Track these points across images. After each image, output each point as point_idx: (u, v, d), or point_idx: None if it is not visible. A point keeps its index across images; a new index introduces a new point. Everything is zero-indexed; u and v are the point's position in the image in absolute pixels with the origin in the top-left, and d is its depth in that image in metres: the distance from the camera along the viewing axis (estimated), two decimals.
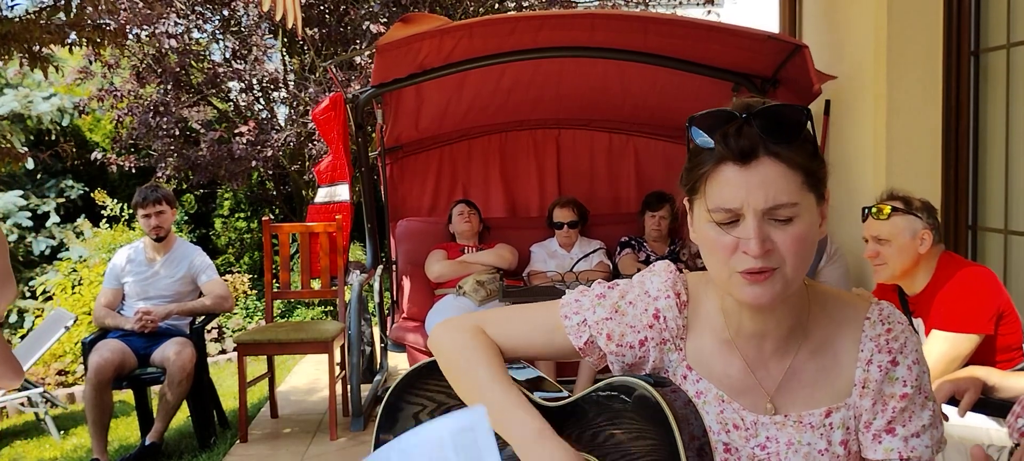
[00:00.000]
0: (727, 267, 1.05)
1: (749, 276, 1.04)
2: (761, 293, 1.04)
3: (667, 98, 4.64)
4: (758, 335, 1.14)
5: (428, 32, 3.86)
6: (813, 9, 4.77)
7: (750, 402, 1.15)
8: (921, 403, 1.12)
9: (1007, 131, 3.51)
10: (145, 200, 3.99)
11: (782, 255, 1.03)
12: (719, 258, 1.06)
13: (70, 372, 5.73)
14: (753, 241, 1.01)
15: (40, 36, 4.02)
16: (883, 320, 1.13)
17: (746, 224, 1.02)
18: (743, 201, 1.02)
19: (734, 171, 1.02)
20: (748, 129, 1.02)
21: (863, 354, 1.12)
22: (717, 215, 1.04)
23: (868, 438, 1.13)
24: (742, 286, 1.05)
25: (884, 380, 1.11)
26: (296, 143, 7.15)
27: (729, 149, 1.02)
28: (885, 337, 1.12)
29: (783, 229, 1.02)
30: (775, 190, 1.01)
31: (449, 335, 1.24)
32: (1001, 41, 3.51)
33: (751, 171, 1.02)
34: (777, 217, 1.02)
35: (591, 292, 1.23)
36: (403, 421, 1.28)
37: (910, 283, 2.47)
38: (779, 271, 1.04)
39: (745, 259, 1.03)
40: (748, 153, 1.01)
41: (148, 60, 7.15)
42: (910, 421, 1.11)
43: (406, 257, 4.76)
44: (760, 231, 1.01)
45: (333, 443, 3.89)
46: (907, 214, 2.39)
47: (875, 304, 1.16)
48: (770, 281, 1.04)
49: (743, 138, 1.02)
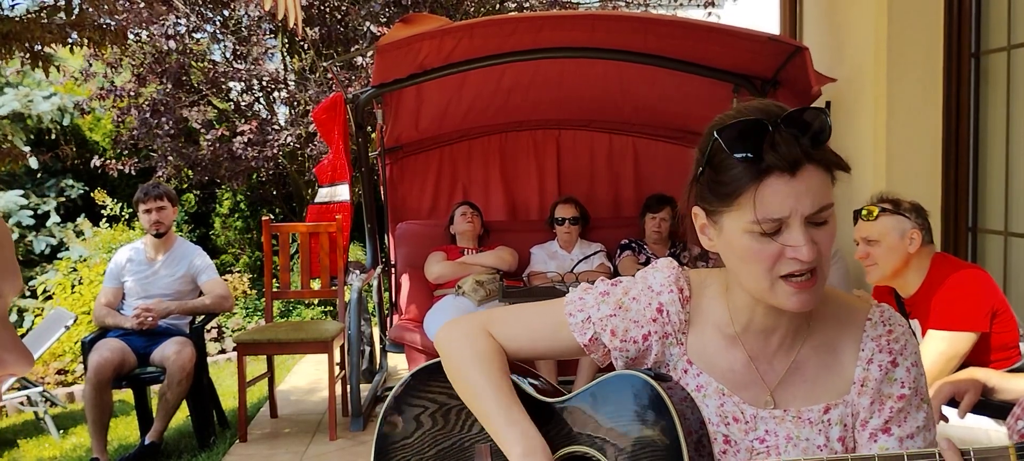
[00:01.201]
0: (770, 275, 1.06)
1: (795, 283, 1.06)
2: (808, 300, 1.07)
3: (667, 99, 4.64)
4: (768, 330, 1.16)
5: (428, 32, 3.86)
6: (813, 10, 4.78)
7: (750, 395, 1.17)
8: (917, 405, 1.14)
9: (1007, 133, 3.51)
10: (147, 195, 3.99)
11: (821, 254, 1.06)
12: (762, 267, 1.07)
13: (70, 371, 5.73)
14: (804, 247, 1.03)
15: (41, 35, 4.02)
16: (884, 322, 1.15)
17: (792, 231, 1.04)
18: (792, 209, 1.03)
19: (783, 181, 1.03)
20: (789, 138, 1.03)
21: (864, 353, 1.14)
22: (766, 225, 1.04)
23: (864, 436, 1.14)
24: (789, 295, 1.06)
25: (883, 380, 1.13)
26: (296, 143, 7.15)
27: (779, 160, 1.03)
28: (886, 338, 1.14)
29: (821, 231, 1.06)
30: (819, 196, 1.04)
31: (454, 337, 1.25)
32: (1002, 43, 3.51)
33: (798, 180, 1.03)
34: (817, 221, 1.05)
35: (595, 289, 1.24)
36: (405, 422, 1.28)
37: (903, 284, 2.49)
38: (818, 272, 1.07)
39: (792, 264, 1.05)
40: (796, 163, 1.03)
41: (148, 59, 7.15)
42: (906, 422, 1.13)
43: (405, 258, 4.76)
44: (808, 236, 1.04)
45: (333, 443, 3.89)
46: (895, 214, 2.42)
47: (876, 306, 1.18)
48: (815, 287, 1.07)
49: (787, 147, 1.03)
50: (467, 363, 1.21)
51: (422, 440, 1.26)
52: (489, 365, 1.20)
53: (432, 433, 1.26)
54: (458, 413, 1.25)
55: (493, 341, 1.24)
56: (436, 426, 1.26)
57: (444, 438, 1.25)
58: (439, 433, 1.26)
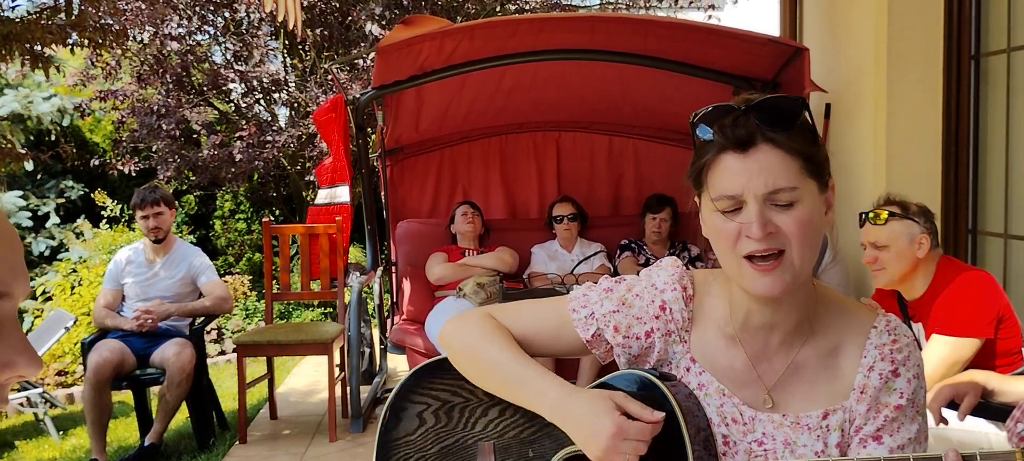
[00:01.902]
0: (734, 254, 1.08)
1: (758, 266, 1.07)
2: (771, 283, 1.07)
3: (667, 101, 4.64)
4: (766, 328, 1.16)
5: (429, 34, 3.86)
6: (813, 13, 4.78)
7: (749, 396, 1.17)
8: (912, 416, 1.14)
9: (1007, 135, 3.51)
10: (143, 201, 3.98)
11: (787, 237, 1.06)
12: (726, 246, 1.09)
13: (69, 372, 5.73)
14: (755, 224, 1.05)
15: (41, 36, 4.02)
16: (890, 331, 1.15)
17: (748, 209, 1.06)
18: (743, 187, 1.05)
19: (734, 159, 1.07)
20: (746, 119, 1.07)
21: (866, 360, 1.14)
22: (720, 203, 1.08)
23: (855, 441, 1.14)
24: (753, 278, 1.07)
25: (882, 388, 1.13)
26: (297, 145, 7.15)
27: (727, 138, 1.07)
28: (890, 347, 1.14)
29: (785, 213, 1.06)
30: (774, 175, 1.05)
31: (461, 328, 1.26)
32: (1001, 45, 3.51)
33: (750, 158, 1.06)
34: (778, 202, 1.05)
35: (599, 286, 1.26)
36: (408, 420, 1.29)
37: (909, 288, 2.47)
38: (786, 257, 1.06)
39: (749, 243, 1.06)
40: (746, 141, 1.06)
41: (149, 61, 7.15)
42: (898, 432, 1.13)
43: (406, 259, 4.75)
44: (761, 215, 1.05)
45: (332, 445, 3.89)
46: (904, 219, 2.38)
47: (883, 315, 1.18)
48: (779, 270, 1.06)
49: (740, 127, 1.06)
50: (478, 345, 1.22)
51: (425, 438, 1.27)
52: (498, 338, 1.22)
53: (434, 430, 1.26)
54: (461, 411, 1.26)
55: (499, 323, 1.25)
56: (439, 424, 1.27)
57: (447, 435, 1.26)
58: (442, 430, 1.26)
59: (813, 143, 1.08)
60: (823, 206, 1.10)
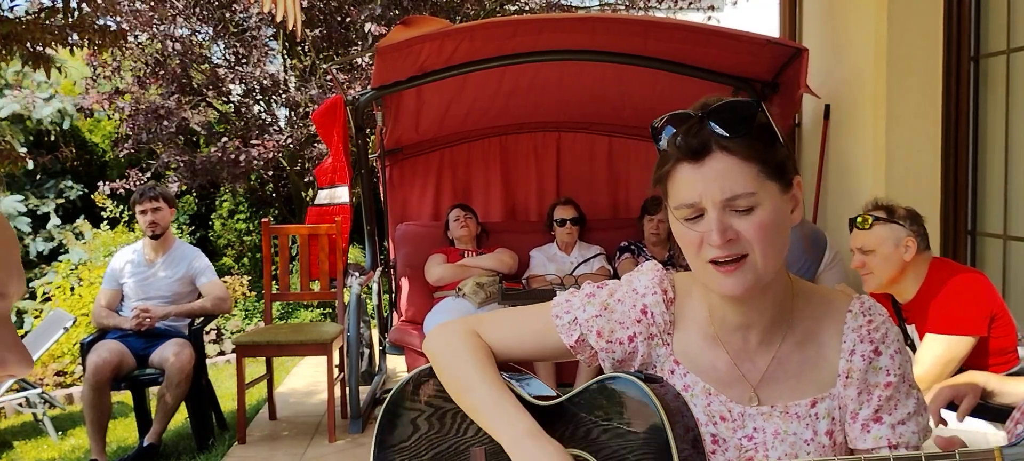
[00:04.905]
0: (699, 260, 1.10)
1: (719, 267, 1.08)
2: (734, 284, 1.08)
3: (667, 102, 4.58)
4: (743, 327, 1.17)
5: (429, 35, 3.86)
6: (813, 14, 4.78)
7: (736, 394, 1.18)
8: (906, 391, 1.15)
9: (1007, 136, 3.51)
10: (143, 196, 4.00)
11: (748, 242, 1.07)
12: (691, 252, 1.11)
13: (68, 373, 5.73)
14: (714, 232, 1.06)
15: (41, 37, 4.02)
16: (864, 312, 1.17)
17: (708, 217, 1.07)
18: (701, 195, 1.07)
19: (689, 169, 1.08)
20: (700, 128, 1.07)
21: (846, 345, 1.15)
22: (680, 212, 1.09)
23: (856, 428, 1.15)
24: (717, 278, 1.09)
25: (868, 370, 1.14)
26: (296, 145, 7.15)
27: (681, 149, 1.08)
28: (866, 328, 1.15)
29: (745, 218, 1.07)
30: (730, 182, 1.06)
31: (442, 339, 1.28)
32: (1001, 46, 3.51)
33: (705, 167, 1.07)
34: (737, 208, 1.06)
35: (581, 292, 1.27)
36: (403, 426, 1.29)
37: (900, 291, 2.49)
38: (749, 260, 1.07)
39: (710, 250, 1.07)
40: (699, 151, 1.07)
41: (150, 61, 7.15)
42: (896, 409, 1.14)
43: (405, 260, 4.76)
44: (721, 222, 1.06)
45: (332, 445, 3.89)
46: (890, 223, 2.42)
47: (856, 298, 1.20)
48: (741, 271, 1.08)
49: (694, 137, 1.07)
50: (455, 360, 1.24)
51: (419, 443, 1.27)
52: (476, 359, 1.22)
53: (428, 436, 1.27)
54: (454, 416, 1.26)
55: (481, 340, 1.26)
56: (433, 429, 1.27)
57: (440, 441, 1.26)
58: (436, 436, 1.27)
59: (771, 146, 1.08)
60: (788, 205, 1.10)
